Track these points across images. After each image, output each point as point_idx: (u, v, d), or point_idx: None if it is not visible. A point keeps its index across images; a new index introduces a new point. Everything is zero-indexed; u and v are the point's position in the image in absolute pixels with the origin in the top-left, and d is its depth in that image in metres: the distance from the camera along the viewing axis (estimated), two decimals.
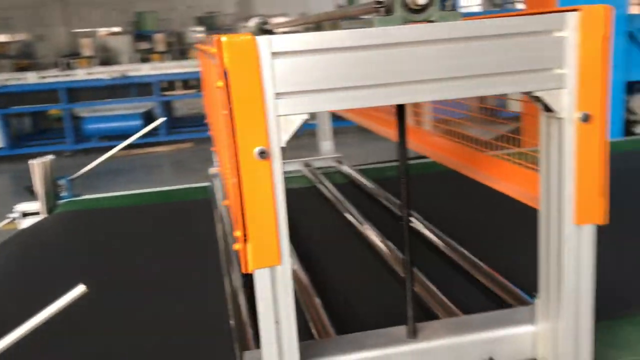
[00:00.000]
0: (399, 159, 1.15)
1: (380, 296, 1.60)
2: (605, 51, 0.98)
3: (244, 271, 0.97)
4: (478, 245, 1.77)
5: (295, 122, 0.93)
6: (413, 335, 1.18)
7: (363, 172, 2.77)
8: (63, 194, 2.89)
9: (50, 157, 2.79)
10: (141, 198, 2.86)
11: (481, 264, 1.61)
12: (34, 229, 2.55)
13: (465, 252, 1.70)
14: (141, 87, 9.99)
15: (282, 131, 0.93)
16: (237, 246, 1.00)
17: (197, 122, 11.37)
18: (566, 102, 1.00)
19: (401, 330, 1.20)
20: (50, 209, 2.75)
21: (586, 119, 1.00)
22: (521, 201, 1.23)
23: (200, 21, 17.99)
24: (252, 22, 2.89)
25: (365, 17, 1.05)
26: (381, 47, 0.93)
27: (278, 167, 0.93)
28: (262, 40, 0.89)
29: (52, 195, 2.80)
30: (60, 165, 2.95)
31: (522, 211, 1.30)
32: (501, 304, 1.40)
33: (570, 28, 0.97)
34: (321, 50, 0.92)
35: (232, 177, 0.94)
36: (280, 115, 0.92)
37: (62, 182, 2.89)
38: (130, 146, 3.10)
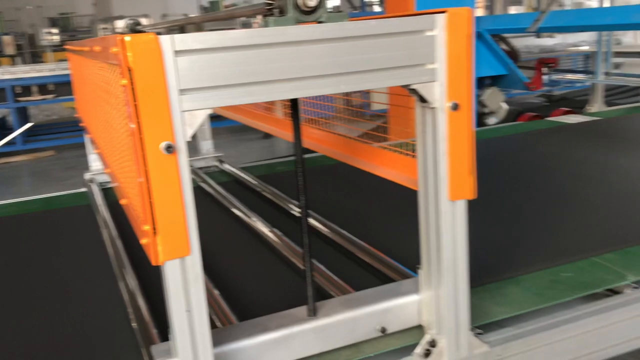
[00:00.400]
0: (295, 151, 1.23)
1: (276, 282, 1.68)
2: (469, 47, 1.13)
3: (154, 264, 1.00)
4: (364, 229, 1.91)
5: (199, 117, 0.98)
6: (313, 313, 1.27)
7: (245, 169, 2.84)
8: None
9: None
10: (17, 207, 2.71)
11: (367, 246, 1.74)
12: None
13: (353, 237, 1.82)
14: None
15: (186, 126, 0.97)
16: (144, 240, 1.02)
17: (58, 129, 10.75)
18: (438, 93, 1.14)
19: (302, 310, 1.28)
20: None
21: (455, 107, 1.14)
22: (402, 184, 1.36)
23: (54, 22, 16.94)
24: (123, 23, 2.83)
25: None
26: (276, 46, 1.01)
27: (184, 160, 0.98)
28: (165, 39, 0.93)
29: None
30: None
31: (403, 194, 1.44)
32: (388, 281, 1.53)
33: (439, 28, 1.11)
34: (222, 49, 0.97)
35: (138, 173, 0.97)
36: (184, 111, 0.96)
37: None
38: None
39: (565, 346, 1.40)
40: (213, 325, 1.37)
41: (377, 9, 16.55)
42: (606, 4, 4.34)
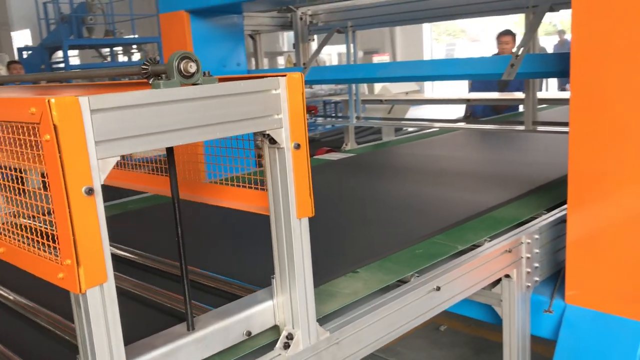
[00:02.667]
0: (172, 194, 1.46)
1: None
2: (303, 101, 1.50)
3: (76, 292, 1.14)
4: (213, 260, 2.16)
5: (111, 163, 1.17)
6: (192, 327, 1.49)
7: None
8: None
9: None
10: None
11: (216, 274, 1.98)
12: None
13: (204, 270, 2.03)
14: None
15: (101, 171, 1.15)
16: (60, 275, 1.16)
17: None
18: (284, 136, 1.48)
19: (182, 326, 1.49)
20: None
21: (298, 146, 1.50)
22: (252, 212, 1.65)
23: None
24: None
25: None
26: (167, 104, 1.25)
27: (100, 200, 1.15)
28: (84, 100, 1.11)
29: None
30: None
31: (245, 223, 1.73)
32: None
33: (282, 87, 1.46)
34: (127, 107, 1.18)
35: (60, 214, 1.12)
36: (99, 159, 1.15)
37: None
38: None
39: (381, 324, 1.83)
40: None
41: (121, 58, 16.48)
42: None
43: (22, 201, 1.32)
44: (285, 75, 1.46)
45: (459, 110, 7.23)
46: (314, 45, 4.67)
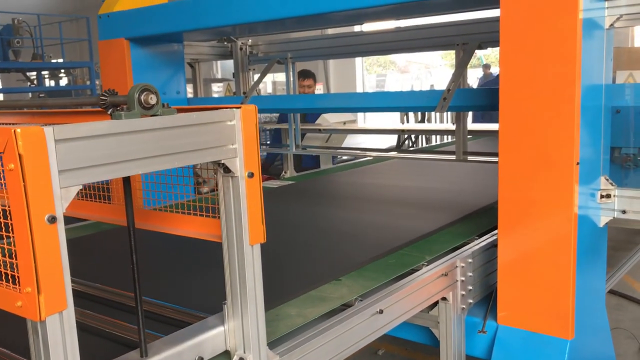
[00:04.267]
0: (128, 221, 1.48)
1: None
2: (256, 132, 1.57)
3: (35, 320, 1.15)
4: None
5: (73, 191, 1.20)
6: (146, 354, 1.50)
7: None
8: None
9: None
10: None
11: (160, 302, 1.99)
12: None
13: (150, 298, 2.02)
14: None
15: (64, 200, 1.18)
16: (19, 303, 1.17)
17: None
18: (238, 165, 1.54)
19: (135, 353, 1.50)
20: None
21: (251, 175, 1.56)
22: (204, 239, 1.69)
23: None
24: None
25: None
26: (128, 134, 1.29)
27: (62, 228, 1.17)
28: (48, 130, 1.14)
29: None
30: None
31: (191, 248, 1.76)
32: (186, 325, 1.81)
33: (237, 118, 1.52)
34: (89, 137, 1.22)
35: (21, 242, 1.13)
36: (62, 187, 1.17)
37: None
38: None
39: (328, 347, 1.89)
40: None
41: (48, 82, 16.02)
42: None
43: None
44: (240, 107, 1.53)
45: (392, 140, 7.48)
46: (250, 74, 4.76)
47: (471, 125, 4.67)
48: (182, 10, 3.52)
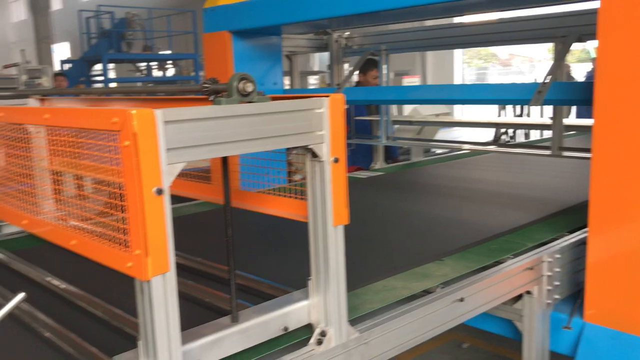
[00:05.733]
0: (225, 201, 1.63)
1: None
2: (343, 120, 1.66)
3: (143, 279, 1.31)
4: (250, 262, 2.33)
5: (178, 168, 1.35)
6: (236, 320, 1.65)
7: None
8: None
9: None
10: None
11: (250, 275, 2.14)
12: None
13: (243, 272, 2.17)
14: None
15: (169, 175, 1.33)
16: (129, 264, 1.33)
17: None
18: (325, 150, 1.64)
19: (227, 319, 1.65)
20: None
21: (337, 160, 1.66)
22: (293, 219, 1.81)
23: None
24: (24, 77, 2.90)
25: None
26: (228, 118, 1.42)
27: (167, 200, 1.32)
28: (159, 112, 1.29)
29: None
30: None
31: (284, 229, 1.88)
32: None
33: (325, 106, 1.63)
34: (194, 120, 1.36)
35: (133, 210, 1.29)
36: (168, 164, 1.32)
37: None
38: None
39: (407, 329, 1.96)
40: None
41: (156, 73, 16.95)
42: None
43: (92, 199, 1.51)
44: (328, 96, 1.63)
45: (489, 134, 7.33)
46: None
47: (569, 120, 4.52)
48: (282, 4, 3.67)
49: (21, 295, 1.32)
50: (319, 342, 1.73)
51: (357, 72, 5.30)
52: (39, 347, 1.73)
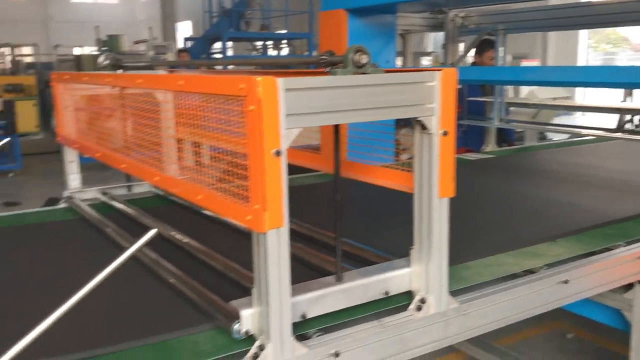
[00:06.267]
0: (334, 169, 1.73)
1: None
2: (454, 94, 1.70)
3: (260, 231, 1.44)
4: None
5: (294, 133, 1.46)
6: (340, 280, 1.75)
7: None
8: None
9: None
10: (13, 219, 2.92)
11: (354, 242, 2.23)
12: None
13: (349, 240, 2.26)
14: None
15: (287, 139, 1.44)
16: (248, 217, 1.47)
17: None
18: (434, 123, 1.69)
19: (332, 278, 1.76)
20: None
21: (446, 134, 1.70)
22: (399, 190, 1.88)
23: None
24: (103, 59, 3.19)
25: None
26: (343, 88, 1.51)
27: (284, 161, 1.44)
28: (280, 81, 1.40)
29: None
30: None
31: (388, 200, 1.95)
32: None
33: (437, 80, 1.67)
34: (312, 88, 1.46)
35: (254, 168, 1.42)
36: (287, 129, 1.43)
37: None
38: None
39: (507, 305, 1.98)
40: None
41: (270, 52, 17.43)
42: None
43: (216, 159, 1.66)
44: (440, 70, 1.67)
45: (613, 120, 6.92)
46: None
47: None
48: None
49: (154, 231, 1.48)
50: (419, 309, 1.80)
51: (472, 54, 5.21)
52: (164, 291, 1.94)
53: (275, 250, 1.47)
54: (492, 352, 3.29)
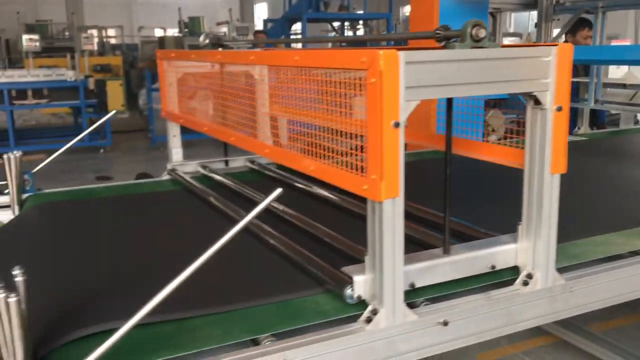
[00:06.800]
0: (446, 144, 1.76)
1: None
2: (569, 70, 1.68)
3: (378, 200, 1.49)
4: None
5: (413, 105, 1.49)
6: (447, 252, 1.79)
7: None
8: (27, 187, 3.03)
9: (19, 152, 2.94)
10: (108, 190, 3.12)
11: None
12: (22, 220, 2.71)
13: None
14: None
15: (405, 111, 1.48)
16: (365, 187, 1.53)
17: (46, 133, 10.94)
18: (549, 99, 1.68)
19: (439, 250, 1.80)
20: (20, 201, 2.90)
21: (560, 109, 1.69)
22: (506, 165, 1.89)
23: (31, 29, 17.00)
24: (204, 38, 3.32)
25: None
26: (459, 61, 1.54)
27: (402, 133, 1.48)
28: (401, 54, 1.44)
29: (20, 189, 2.94)
30: None
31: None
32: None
33: (552, 55, 1.66)
34: (429, 62, 1.49)
35: (373, 139, 1.47)
36: (406, 101, 1.47)
37: (26, 176, 3.04)
38: None
39: (613, 285, 1.96)
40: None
41: (346, 33, 17.38)
42: None
43: (331, 130, 1.72)
44: (556, 45, 1.66)
45: None
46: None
47: None
48: None
49: (279, 190, 1.55)
50: (525, 284, 1.81)
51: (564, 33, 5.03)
52: (274, 258, 2.03)
53: (390, 219, 1.52)
54: (585, 336, 3.23)
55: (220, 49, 3.05)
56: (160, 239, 2.33)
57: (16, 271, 1.33)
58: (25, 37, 13.26)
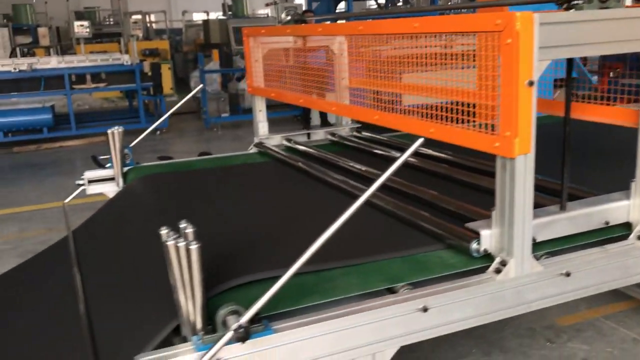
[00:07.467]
0: (565, 106, 1.82)
1: None
2: None
3: (510, 156, 1.58)
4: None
5: (544, 64, 1.57)
6: (564, 209, 1.86)
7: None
8: (127, 161, 3.21)
9: (120, 128, 3.11)
10: (203, 163, 3.27)
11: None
12: (133, 190, 2.89)
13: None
14: (49, 81, 9.75)
15: (538, 70, 1.56)
16: (496, 144, 1.61)
17: (103, 116, 11.27)
18: None
19: (556, 207, 1.87)
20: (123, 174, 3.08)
21: None
22: (623, 125, 1.95)
23: (80, 16, 17.38)
24: (285, 15, 3.42)
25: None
26: (588, 22, 1.60)
27: (535, 91, 1.56)
28: (536, 15, 1.51)
29: (122, 163, 3.12)
30: None
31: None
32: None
33: None
34: (563, 22, 1.56)
35: (507, 97, 1.55)
36: (539, 60, 1.55)
37: (126, 151, 3.21)
38: (39, 140, 3.21)
39: None
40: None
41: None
42: None
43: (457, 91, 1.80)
44: None
45: None
46: None
47: None
48: None
49: (421, 140, 1.61)
50: (639, 238, 1.88)
51: None
52: (376, 215, 2.13)
53: (522, 175, 1.61)
54: None
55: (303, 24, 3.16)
56: (274, 204, 2.45)
57: (184, 223, 1.47)
58: (76, 23, 13.57)
